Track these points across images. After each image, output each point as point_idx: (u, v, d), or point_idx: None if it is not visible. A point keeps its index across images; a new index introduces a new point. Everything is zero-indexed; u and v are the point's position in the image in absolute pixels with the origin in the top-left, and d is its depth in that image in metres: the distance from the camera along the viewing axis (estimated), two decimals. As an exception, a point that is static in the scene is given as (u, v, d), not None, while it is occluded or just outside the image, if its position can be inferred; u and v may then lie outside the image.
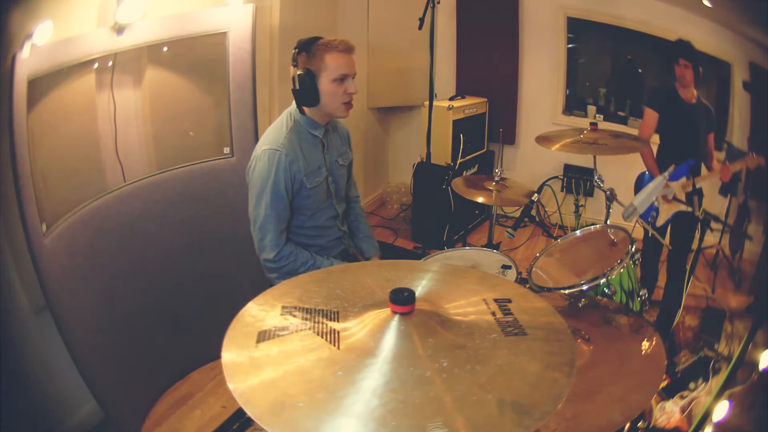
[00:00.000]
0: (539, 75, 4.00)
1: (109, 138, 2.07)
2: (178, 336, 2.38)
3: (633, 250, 1.84)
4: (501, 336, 0.86)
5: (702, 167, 2.78)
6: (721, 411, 1.67)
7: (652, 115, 2.79)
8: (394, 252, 3.73)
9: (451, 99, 3.90)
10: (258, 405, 0.72)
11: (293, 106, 1.83)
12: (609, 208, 2.22)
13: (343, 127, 2.03)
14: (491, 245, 2.87)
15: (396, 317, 0.85)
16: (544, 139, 2.43)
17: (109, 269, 2.05)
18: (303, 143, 1.80)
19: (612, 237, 2.00)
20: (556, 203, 4.06)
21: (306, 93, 1.73)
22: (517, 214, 2.44)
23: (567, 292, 1.74)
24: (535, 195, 2.29)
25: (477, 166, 4.01)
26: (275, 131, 1.80)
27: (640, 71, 3.87)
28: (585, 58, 4.01)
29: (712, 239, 3.02)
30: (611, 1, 3.61)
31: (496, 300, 0.96)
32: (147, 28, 2.06)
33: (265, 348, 0.84)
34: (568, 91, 4.02)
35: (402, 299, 0.86)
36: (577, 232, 2.12)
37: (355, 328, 0.87)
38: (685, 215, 2.55)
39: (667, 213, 2.65)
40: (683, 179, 2.66)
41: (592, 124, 2.44)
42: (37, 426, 1.83)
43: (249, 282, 2.49)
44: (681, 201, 2.56)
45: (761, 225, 2.73)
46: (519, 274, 2.06)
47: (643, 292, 1.89)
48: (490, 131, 4.12)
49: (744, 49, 2.85)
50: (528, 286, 1.89)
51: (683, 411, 1.93)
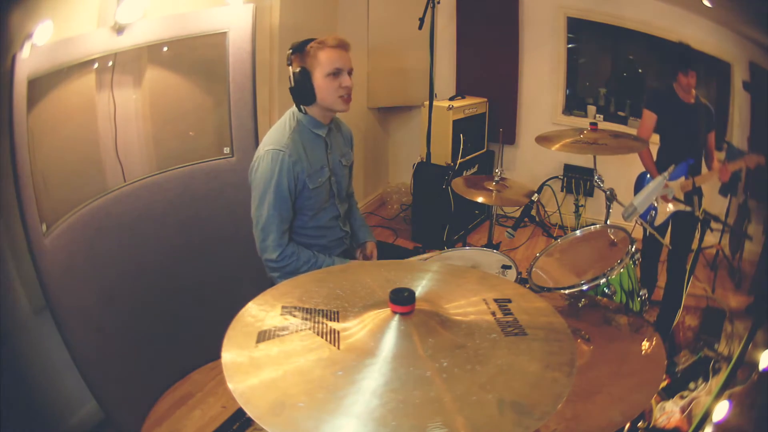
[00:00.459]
0: (539, 75, 4.00)
1: (109, 138, 2.07)
2: (178, 336, 2.38)
3: (633, 250, 1.85)
4: (501, 336, 0.86)
5: (702, 167, 2.79)
6: (721, 411, 1.67)
7: (650, 117, 2.79)
8: (394, 252, 3.73)
9: (451, 99, 3.90)
10: (258, 405, 0.72)
11: (294, 108, 1.83)
12: (609, 208, 2.22)
13: (347, 128, 2.03)
14: (491, 245, 2.87)
15: (396, 317, 0.85)
16: (544, 139, 2.43)
17: (109, 269, 2.06)
18: (306, 143, 1.80)
19: (612, 237, 2.00)
20: (556, 203, 4.06)
21: (302, 90, 1.74)
22: (517, 214, 2.44)
23: (567, 292, 1.74)
24: (535, 195, 2.29)
25: (477, 166, 4.01)
26: (278, 131, 1.80)
27: (640, 71, 3.87)
28: (585, 58, 4.01)
29: (712, 239, 3.02)
30: (611, 1, 3.61)
31: (496, 300, 0.96)
32: (147, 28, 2.06)
33: (265, 348, 0.84)
34: (568, 91, 4.02)
35: (402, 299, 0.86)
36: (577, 232, 2.12)
37: (355, 328, 0.87)
38: (685, 215, 2.55)
39: (666, 212, 2.65)
40: (682, 179, 2.67)
41: (592, 124, 2.44)
42: (37, 426, 1.82)
43: (249, 282, 2.49)
44: (680, 201, 2.57)
45: (761, 225, 2.73)
46: (519, 274, 2.05)
47: (643, 292, 1.89)
48: (490, 131, 4.12)
49: (744, 49, 2.85)
50: (528, 286, 1.89)
51: (683, 411, 1.93)
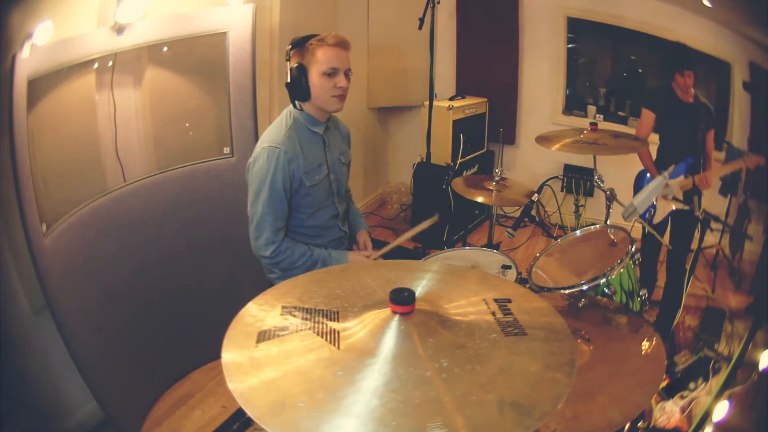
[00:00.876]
0: (539, 75, 4.00)
1: (109, 138, 2.06)
2: (178, 336, 2.38)
3: (633, 250, 1.85)
4: (501, 336, 0.86)
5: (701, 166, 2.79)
6: (721, 411, 1.67)
7: (648, 116, 2.80)
8: (394, 252, 3.72)
9: (451, 99, 3.90)
10: (258, 405, 0.72)
11: (291, 102, 1.84)
12: (609, 208, 2.22)
13: (344, 126, 2.04)
14: (491, 245, 2.87)
15: (396, 317, 0.85)
16: (544, 139, 2.43)
17: (109, 269, 2.05)
18: (303, 141, 1.80)
19: (612, 237, 2.00)
20: (556, 203, 4.06)
21: (297, 87, 1.74)
22: (517, 214, 2.44)
23: (567, 292, 1.74)
24: (535, 195, 2.29)
25: (477, 166, 4.01)
26: (275, 129, 1.80)
27: (640, 71, 3.87)
28: (585, 58, 4.01)
29: (712, 239, 3.02)
30: (611, 1, 3.61)
31: (496, 300, 0.96)
32: (147, 28, 2.06)
33: (265, 348, 0.83)
34: (568, 91, 4.02)
35: (402, 299, 0.86)
36: (577, 232, 2.12)
37: (355, 328, 0.87)
38: (684, 215, 2.55)
39: (664, 210, 2.64)
40: (681, 177, 2.67)
41: (592, 124, 2.44)
42: (37, 426, 1.82)
43: (249, 282, 2.49)
44: (680, 200, 2.56)
45: (761, 225, 2.73)
46: (519, 274, 2.06)
47: (643, 292, 1.89)
48: (490, 131, 4.12)
49: (744, 49, 2.85)
50: (528, 286, 1.89)
51: (683, 411, 1.93)
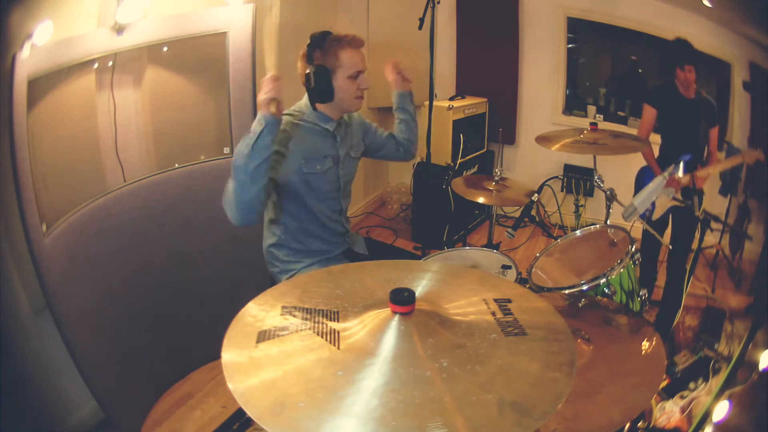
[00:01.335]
0: (539, 75, 4.00)
1: (109, 138, 2.06)
2: (178, 336, 2.38)
3: (633, 250, 1.85)
4: (501, 336, 0.86)
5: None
6: (721, 411, 1.67)
7: (650, 112, 2.80)
8: (394, 252, 3.72)
9: (451, 99, 3.90)
10: (258, 405, 0.72)
11: (302, 101, 1.83)
12: (609, 208, 2.22)
13: (357, 116, 2.03)
14: (491, 245, 2.87)
15: (396, 317, 0.85)
16: (544, 139, 2.43)
17: (109, 269, 2.05)
18: (307, 131, 1.80)
19: (612, 237, 2.00)
20: (556, 203, 4.06)
21: (322, 90, 1.73)
22: (517, 214, 2.44)
23: (567, 292, 1.74)
24: (535, 195, 2.29)
25: (477, 166, 4.01)
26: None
27: (640, 71, 3.87)
28: (585, 58, 4.01)
29: (712, 239, 3.02)
30: (611, 1, 3.61)
31: (496, 300, 0.96)
32: (147, 28, 2.06)
33: (265, 348, 0.84)
34: (568, 91, 4.02)
35: (402, 299, 0.86)
36: (577, 232, 2.12)
37: (355, 328, 0.87)
38: (685, 214, 2.55)
39: (663, 207, 2.63)
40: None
41: (592, 124, 2.44)
42: (37, 426, 1.82)
43: (249, 282, 2.49)
44: (680, 199, 2.56)
45: (761, 225, 2.73)
46: (519, 274, 2.06)
47: (643, 292, 1.89)
48: (490, 131, 4.12)
49: (744, 49, 2.86)
50: (528, 286, 1.89)
51: (683, 411, 1.93)
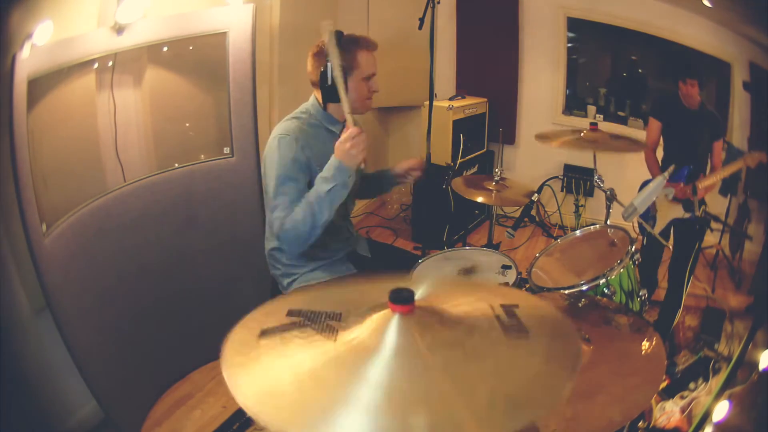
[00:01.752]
0: (539, 75, 4.00)
1: (109, 138, 2.07)
2: (178, 336, 2.38)
3: (633, 250, 1.85)
4: (502, 334, 0.86)
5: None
6: (721, 411, 1.67)
7: (655, 124, 2.81)
8: (395, 253, 3.72)
9: (451, 99, 3.90)
10: (258, 402, 0.73)
11: (309, 102, 1.83)
12: (609, 208, 2.22)
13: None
14: (491, 245, 2.87)
15: (396, 316, 0.86)
16: (543, 137, 2.43)
17: (109, 269, 2.05)
18: (317, 136, 1.79)
19: (612, 237, 2.00)
20: (556, 203, 4.06)
21: (336, 89, 1.69)
22: (517, 214, 2.44)
23: (567, 292, 1.74)
24: (535, 195, 2.29)
25: (477, 166, 4.01)
26: (288, 122, 1.79)
27: (640, 71, 3.87)
28: (585, 58, 4.01)
29: (712, 239, 3.02)
30: (611, 1, 3.61)
31: (502, 305, 0.96)
32: (147, 28, 2.06)
33: (266, 345, 0.84)
34: (568, 91, 4.03)
35: (401, 298, 0.86)
36: (577, 232, 2.12)
37: (356, 326, 0.87)
38: (686, 224, 2.54)
39: (665, 219, 2.63)
40: (681, 185, 2.63)
41: (592, 124, 2.44)
42: (37, 426, 1.82)
43: (249, 282, 2.49)
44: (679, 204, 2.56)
45: (761, 225, 2.73)
46: (519, 274, 2.05)
47: (643, 292, 1.89)
48: (490, 131, 4.12)
49: (744, 49, 2.86)
50: (528, 286, 1.89)
51: (683, 411, 1.93)
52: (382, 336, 0.83)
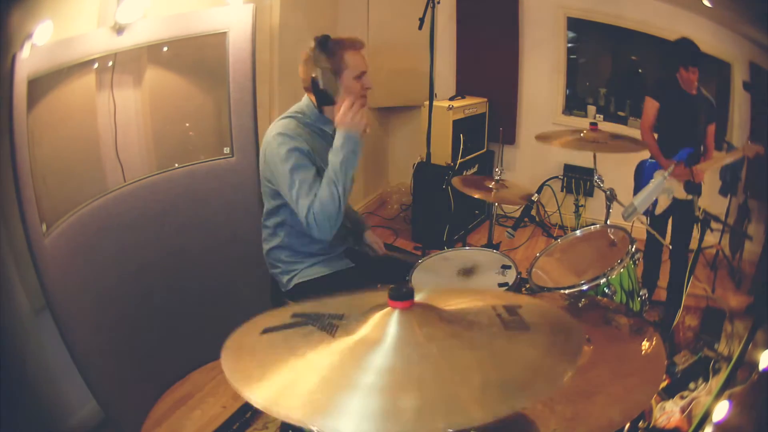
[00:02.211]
0: (539, 75, 4.00)
1: (109, 138, 2.07)
2: (178, 336, 2.38)
3: (633, 249, 1.85)
4: (502, 329, 0.87)
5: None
6: (721, 411, 1.67)
7: (652, 104, 2.81)
8: (394, 251, 3.73)
9: (451, 99, 3.90)
10: (262, 396, 0.73)
11: (302, 103, 1.84)
12: (609, 208, 2.22)
13: None
14: (491, 245, 2.87)
15: (396, 312, 0.86)
16: (544, 137, 2.43)
17: (109, 269, 2.06)
18: (312, 136, 1.80)
19: (612, 237, 2.00)
20: (556, 203, 4.06)
21: (329, 92, 1.74)
22: (517, 214, 2.44)
23: (567, 292, 1.74)
24: (535, 195, 2.29)
25: (477, 166, 4.01)
26: (284, 121, 1.80)
27: (640, 71, 3.87)
28: (585, 58, 4.01)
29: (712, 239, 3.02)
30: (611, 1, 3.61)
31: (504, 306, 0.96)
32: (147, 28, 2.07)
33: (268, 342, 0.84)
34: (568, 91, 4.03)
35: (401, 295, 0.86)
36: (577, 232, 2.12)
37: (357, 323, 0.88)
38: (684, 210, 2.53)
39: (666, 202, 2.63)
40: (682, 165, 2.63)
41: (592, 124, 2.44)
42: (37, 426, 1.82)
43: (249, 282, 2.49)
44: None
45: (761, 225, 2.73)
46: (519, 274, 2.05)
47: (643, 292, 1.89)
48: (490, 131, 4.12)
49: (744, 49, 2.86)
50: (528, 286, 1.89)
51: (683, 411, 1.93)
52: (383, 329, 0.84)
